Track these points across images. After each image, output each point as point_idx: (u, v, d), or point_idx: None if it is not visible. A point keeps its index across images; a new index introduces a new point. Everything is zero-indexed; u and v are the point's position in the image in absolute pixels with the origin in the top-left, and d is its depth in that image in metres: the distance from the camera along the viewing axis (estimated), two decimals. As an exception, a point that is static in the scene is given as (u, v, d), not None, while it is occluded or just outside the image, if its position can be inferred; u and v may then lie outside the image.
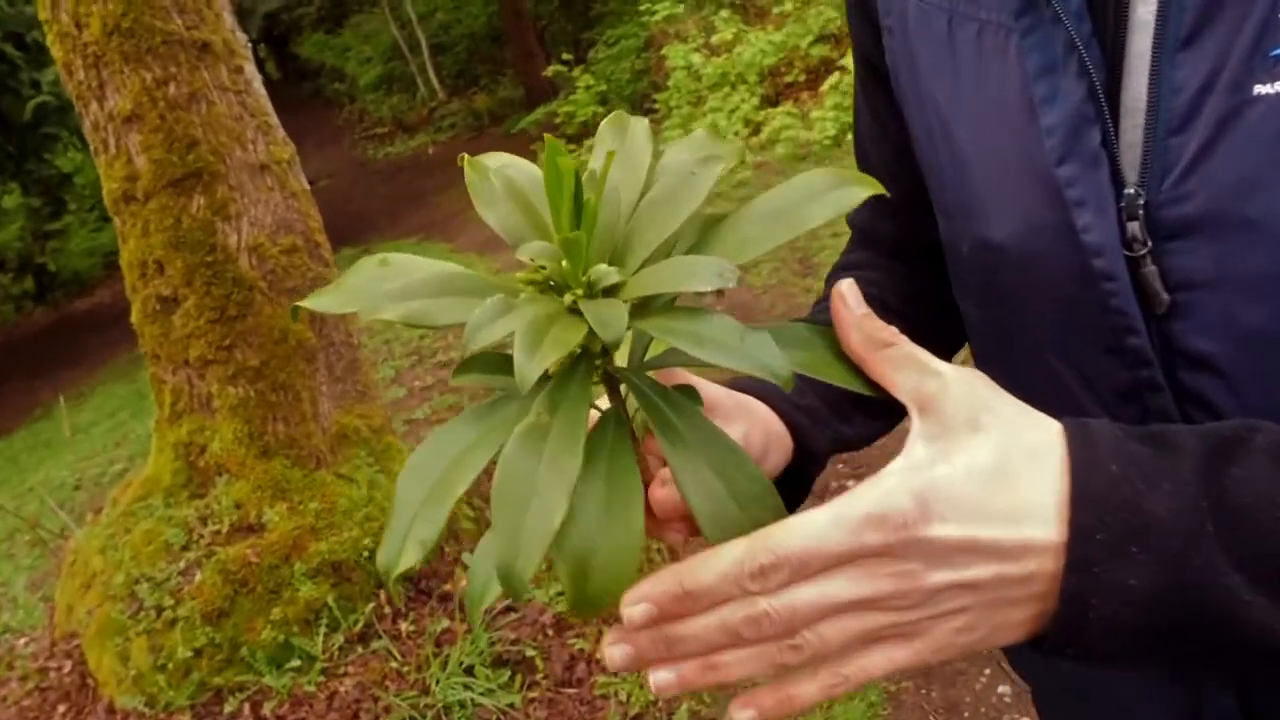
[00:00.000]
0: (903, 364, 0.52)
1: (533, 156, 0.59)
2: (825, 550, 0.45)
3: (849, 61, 7.57)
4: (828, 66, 8.38)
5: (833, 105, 7.60)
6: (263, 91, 3.26)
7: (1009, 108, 0.63)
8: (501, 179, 0.57)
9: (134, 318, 3.16)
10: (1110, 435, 0.48)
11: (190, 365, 3.08)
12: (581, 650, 2.86)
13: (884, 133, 0.82)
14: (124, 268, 3.14)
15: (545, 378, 0.52)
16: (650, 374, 0.58)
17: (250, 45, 3.27)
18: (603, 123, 0.61)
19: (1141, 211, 0.58)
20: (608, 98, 10.88)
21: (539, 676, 2.79)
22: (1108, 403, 0.64)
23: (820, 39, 8.67)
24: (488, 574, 0.54)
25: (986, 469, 0.46)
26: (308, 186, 3.36)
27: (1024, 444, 0.47)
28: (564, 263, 0.51)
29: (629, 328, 0.47)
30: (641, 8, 10.64)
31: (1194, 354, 0.59)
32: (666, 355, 0.60)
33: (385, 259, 0.57)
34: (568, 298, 0.51)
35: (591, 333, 0.48)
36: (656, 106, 9.69)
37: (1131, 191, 0.59)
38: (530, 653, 2.86)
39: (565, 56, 11.42)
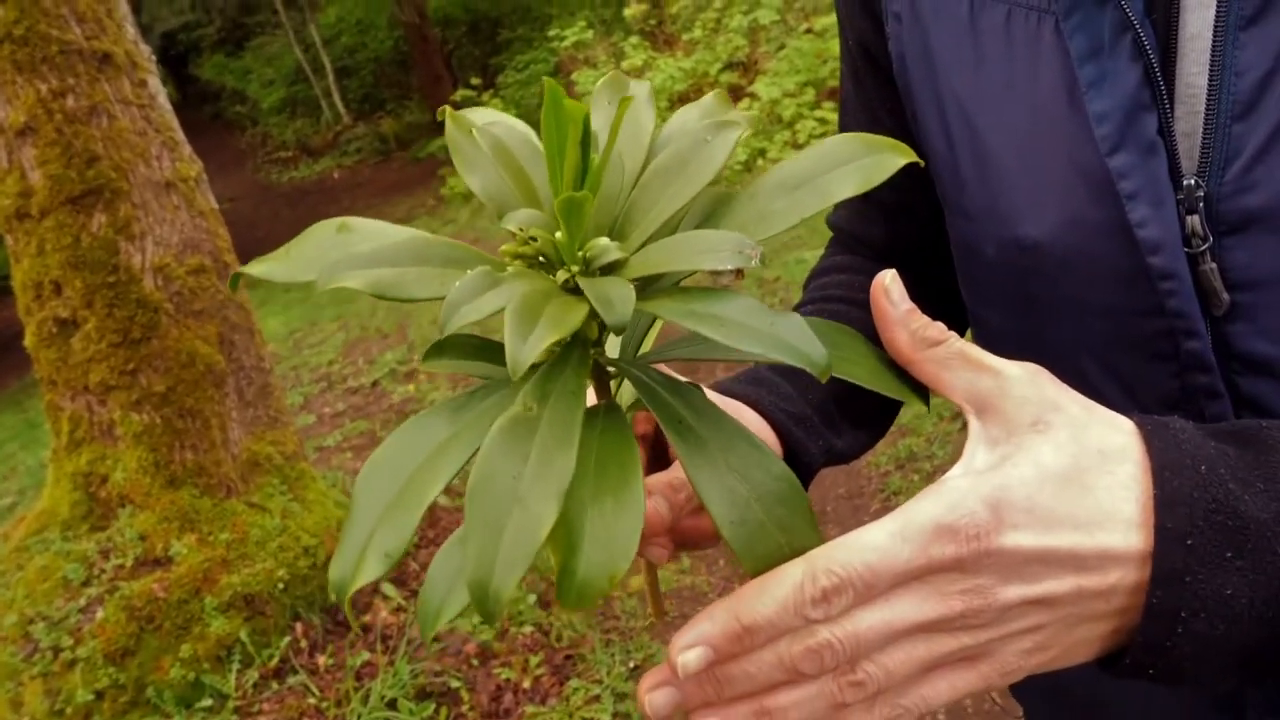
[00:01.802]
0: (954, 363, 0.47)
1: (440, 181, 0.52)
2: (893, 567, 0.40)
3: (758, 88, 7.67)
4: (737, 93, 8.47)
5: (743, 130, 7.65)
6: (168, 106, 3.13)
7: (1045, 96, 0.59)
8: (488, 138, 0.50)
9: (28, 341, 2.99)
10: (1191, 432, 0.44)
11: (90, 391, 2.92)
12: (508, 680, 2.78)
13: (878, 129, 0.77)
14: (17, 289, 2.97)
15: (532, 366, 0.47)
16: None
17: (153, 58, 3.14)
18: (599, 84, 0.56)
19: (1202, 204, 0.54)
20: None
21: (464, 708, 2.70)
22: (1151, 412, 0.61)
23: (729, 66, 8.76)
24: (449, 585, 0.47)
25: (1058, 473, 0.42)
26: (216, 205, 3.24)
27: (1096, 444, 0.43)
28: (558, 234, 0.45)
29: (635, 309, 0.41)
30: (550, 33, 10.64)
31: (1254, 358, 0.56)
32: (660, 350, 0.54)
33: (345, 223, 0.50)
34: (561, 275, 0.45)
35: (590, 316, 0.42)
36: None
37: (1191, 183, 0.55)
38: (455, 684, 2.76)
39: (474, 81, 11.35)
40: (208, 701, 2.75)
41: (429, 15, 13.55)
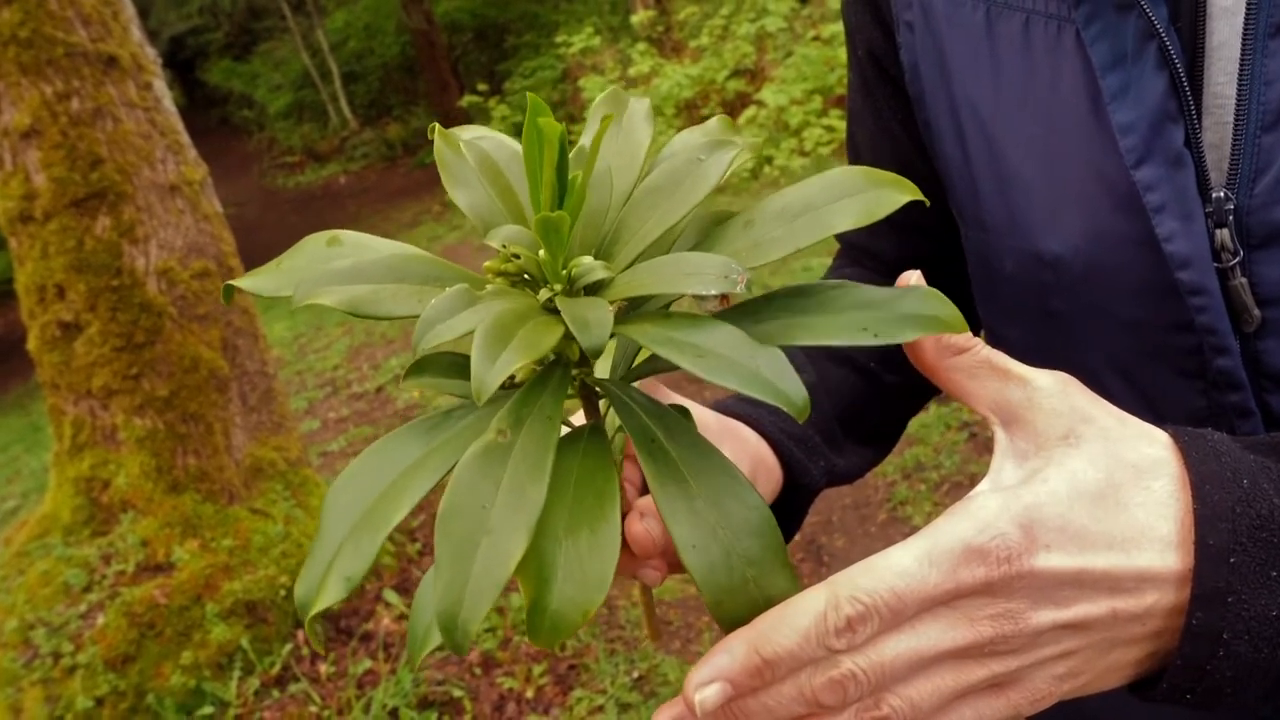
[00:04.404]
0: (981, 372, 0.45)
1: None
2: (920, 593, 0.38)
3: (765, 95, 7.66)
4: (744, 100, 8.46)
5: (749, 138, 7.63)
6: (173, 109, 3.12)
7: (1066, 106, 0.57)
8: (475, 152, 0.49)
9: (31, 345, 2.98)
10: (1230, 445, 0.42)
11: (93, 395, 2.91)
12: (511, 689, 2.75)
13: (888, 139, 0.76)
14: (20, 292, 2.96)
15: (512, 387, 0.45)
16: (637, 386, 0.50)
17: (160, 62, 3.14)
18: (597, 99, 0.55)
19: (1231, 218, 0.53)
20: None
21: (467, 718, 2.68)
22: None
23: (736, 73, 8.75)
24: (431, 617, 0.46)
25: (1091, 489, 0.40)
26: (221, 209, 3.23)
27: (1131, 458, 0.41)
28: (541, 252, 0.44)
29: (613, 333, 0.40)
30: (558, 40, 10.65)
31: None
32: (650, 367, 0.53)
33: (336, 236, 0.49)
34: (543, 294, 0.44)
35: (569, 336, 0.40)
36: (573, 138, 9.65)
37: (1220, 195, 0.53)
38: (457, 693, 2.74)
39: (480, 87, 11.36)
40: (209, 709, 2.73)
41: (436, 21, 13.57)
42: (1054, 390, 0.43)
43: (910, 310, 0.41)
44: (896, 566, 0.39)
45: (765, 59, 8.72)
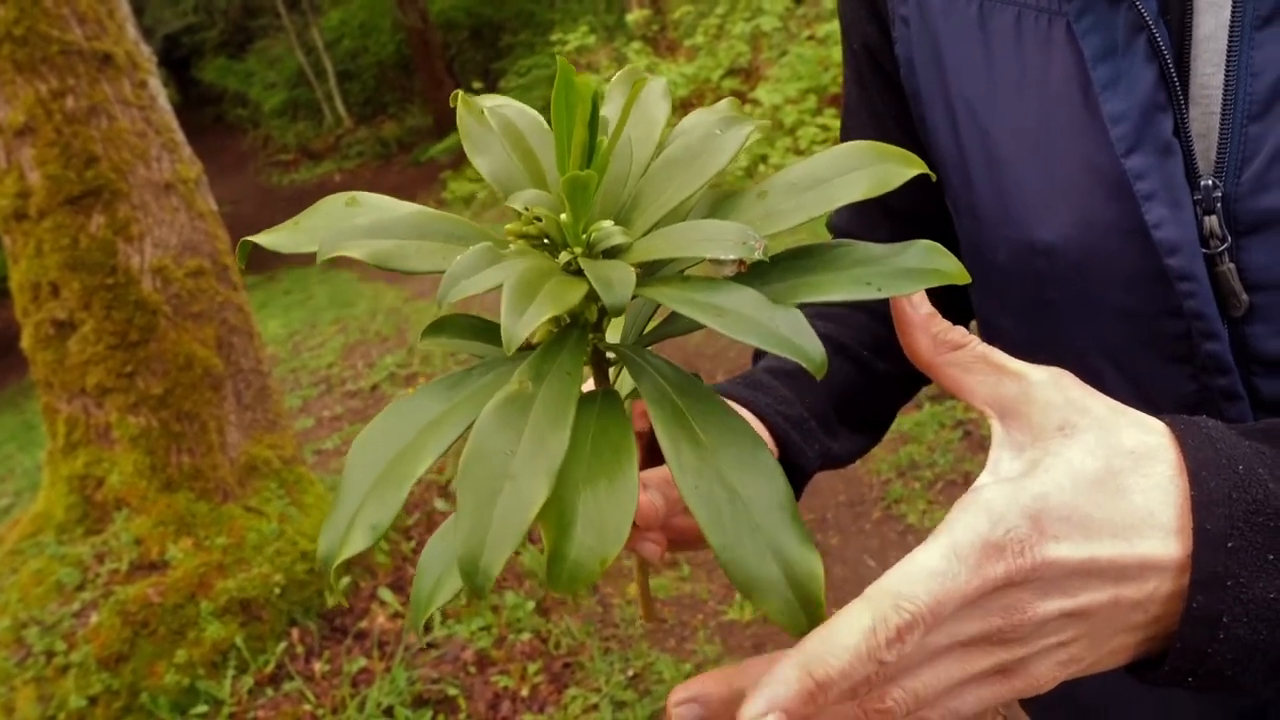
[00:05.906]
0: (976, 367, 0.46)
1: (441, 185, 0.52)
2: (956, 592, 0.38)
3: (760, 94, 7.65)
4: (739, 99, 8.46)
5: (745, 137, 7.63)
6: (168, 107, 3.12)
7: (1058, 97, 0.59)
8: (498, 118, 0.50)
9: (25, 343, 2.98)
10: (1224, 431, 0.43)
11: (87, 393, 2.90)
12: (506, 687, 2.76)
13: (882, 133, 0.77)
14: (14, 290, 2.96)
15: (529, 347, 0.46)
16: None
17: (154, 59, 3.13)
18: (614, 77, 0.56)
19: (1219, 205, 0.54)
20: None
21: (462, 716, 2.68)
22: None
23: (731, 72, 8.75)
24: (443, 569, 0.47)
25: (1092, 477, 0.41)
26: (215, 207, 3.22)
27: (1128, 445, 0.42)
28: (563, 215, 0.45)
29: (635, 294, 0.41)
30: (553, 38, 10.65)
31: (1274, 359, 0.55)
32: (661, 332, 0.54)
33: (354, 197, 0.50)
34: (564, 256, 0.45)
35: (589, 297, 0.41)
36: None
37: (1208, 183, 0.54)
38: (452, 691, 2.74)
39: (475, 85, 11.35)
40: (202, 708, 2.72)
41: (431, 19, 13.56)
42: (1048, 383, 0.44)
43: (912, 264, 0.42)
44: (928, 568, 0.39)
45: (760, 58, 8.72)
